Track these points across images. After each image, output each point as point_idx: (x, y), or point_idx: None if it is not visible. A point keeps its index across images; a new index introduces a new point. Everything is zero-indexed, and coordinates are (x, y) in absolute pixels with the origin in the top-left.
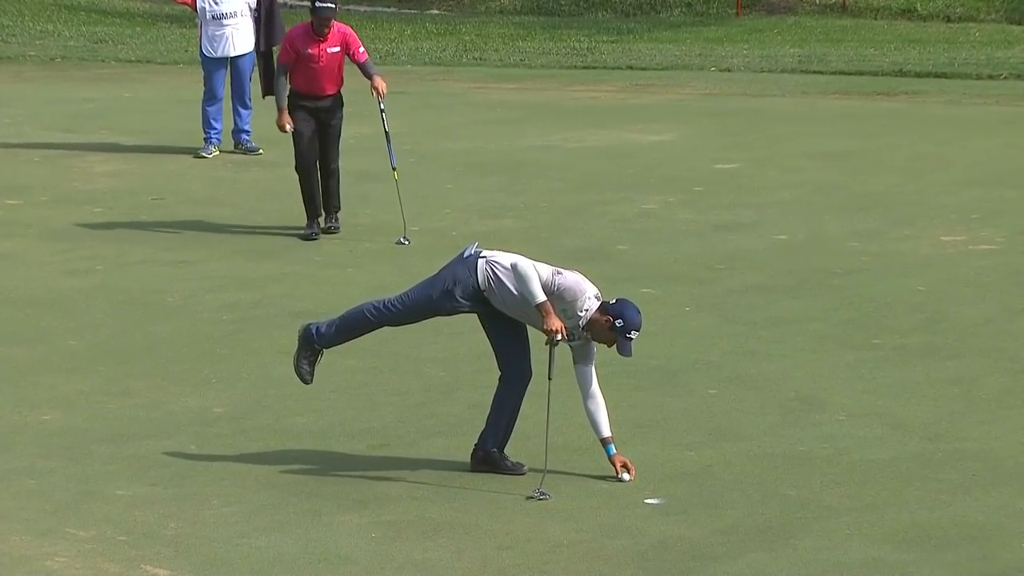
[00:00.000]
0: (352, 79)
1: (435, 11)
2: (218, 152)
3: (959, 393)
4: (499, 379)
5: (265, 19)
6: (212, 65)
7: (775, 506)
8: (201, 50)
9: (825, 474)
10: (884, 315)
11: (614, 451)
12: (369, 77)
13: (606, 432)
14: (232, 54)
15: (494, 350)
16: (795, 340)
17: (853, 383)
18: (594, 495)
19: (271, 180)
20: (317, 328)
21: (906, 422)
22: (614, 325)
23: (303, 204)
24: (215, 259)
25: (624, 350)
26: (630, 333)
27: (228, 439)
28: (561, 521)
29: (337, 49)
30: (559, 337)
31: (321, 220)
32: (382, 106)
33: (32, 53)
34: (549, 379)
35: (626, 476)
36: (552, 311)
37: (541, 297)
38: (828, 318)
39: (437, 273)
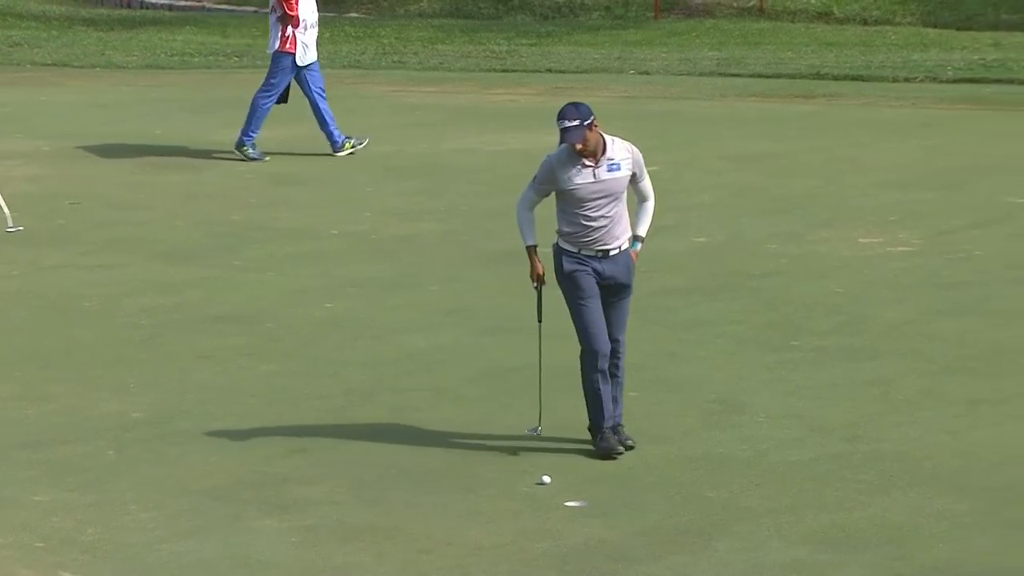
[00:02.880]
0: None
1: (354, 14)
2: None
3: (877, 394)
4: None
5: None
6: (292, 71)
7: (695, 508)
8: (291, 59)
9: (745, 476)
10: (803, 317)
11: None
12: None
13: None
14: (311, 60)
15: None
16: (715, 342)
17: (772, 385)
18: (514, 498)
19: (189, 184)
20: (599, 427)
21: (825, 423)
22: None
23: None
24: (133, 263)
25: (563, 140)
26: (560, 124)
27: (147, 444)
28: (481, 524)
29: None
30: (536, 283)
31: None
32: None
33: None
34: (539, 322)
35: (546, 478)
36: (532, 257)
37: (526, 241)
38: (747, 320)
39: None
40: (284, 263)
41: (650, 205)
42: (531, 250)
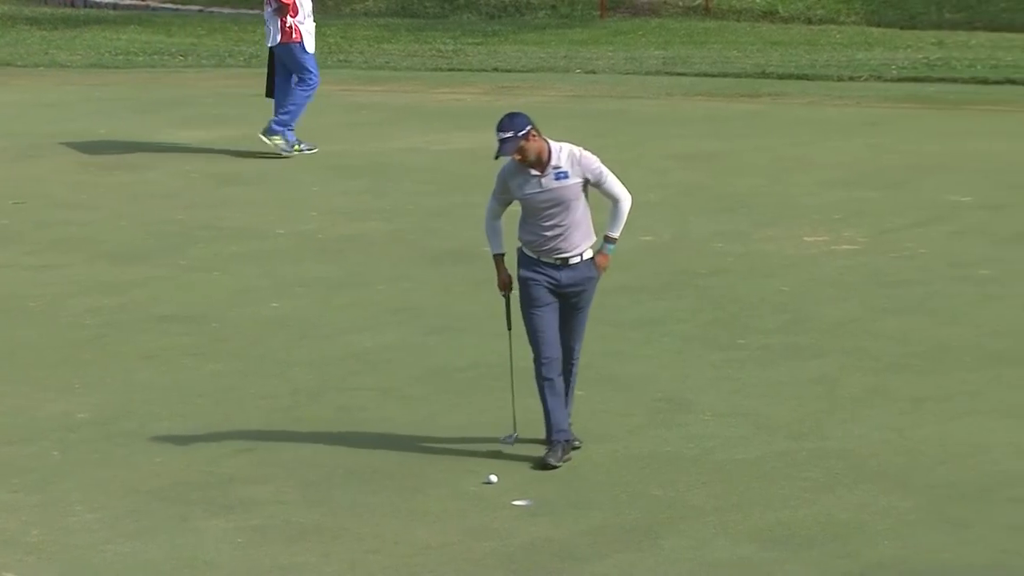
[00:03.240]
0: (216, 81)
1: None
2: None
3: (822, 392)
4: None
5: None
6: (311, 57)
7: (642, 506)
8: (303, 46)
9: (691, 474)
10: (749, 315)
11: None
12: None
13: (609, 232)
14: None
15: None
16: (661, 341)
17: (719, 383)
18: (461, 497)
19: (134, 183)
20: (555, 431)
21: (771, 421)
22: None
23: None
24: (78, 263)
25: (499, 152)
26: (497, 136)
27: (92, 444)
28: (429, 524)
29: None
30: (503, 292)
31: None
32: None
33: None
34: (508, 329)
35: (493, 477)
36: (498, 267)
37: (493, 250)
38: (694, 319)
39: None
40: (230, 263)
41: (622, 206)
42: (498, 259)
